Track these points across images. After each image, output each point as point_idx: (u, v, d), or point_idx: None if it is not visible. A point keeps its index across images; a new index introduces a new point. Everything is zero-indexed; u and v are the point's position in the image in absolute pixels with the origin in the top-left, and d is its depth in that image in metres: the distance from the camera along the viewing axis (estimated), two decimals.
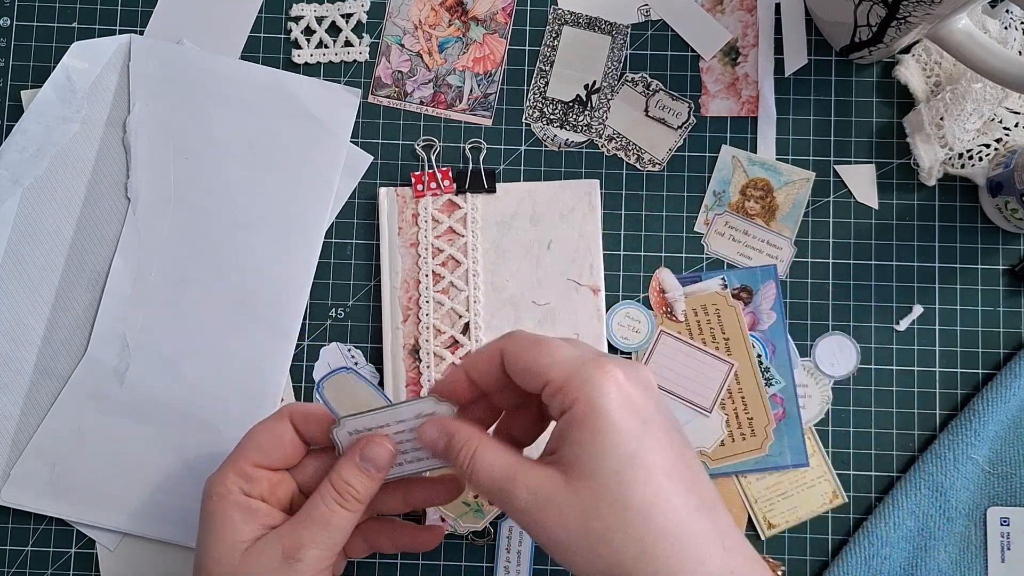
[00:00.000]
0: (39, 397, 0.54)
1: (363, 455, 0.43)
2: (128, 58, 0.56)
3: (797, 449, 0.54)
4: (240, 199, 0.55)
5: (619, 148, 0.56)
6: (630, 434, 0.38)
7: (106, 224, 0.55)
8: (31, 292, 0.55)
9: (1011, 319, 0.55)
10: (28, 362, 0.54)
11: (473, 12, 0.57)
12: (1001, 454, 0.53)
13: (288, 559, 0.42)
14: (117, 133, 0.56)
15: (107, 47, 0.56)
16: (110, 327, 0.54)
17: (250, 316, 0.54)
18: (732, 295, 0.55)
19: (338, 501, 0.43)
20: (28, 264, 0.55)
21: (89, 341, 0.54)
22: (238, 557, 0.42)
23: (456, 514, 0.52)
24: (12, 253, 0.55)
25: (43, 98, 0.55)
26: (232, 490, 0.44)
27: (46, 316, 0.55)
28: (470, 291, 0.54)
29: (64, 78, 0.56)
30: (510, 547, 0.54)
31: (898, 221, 0.56)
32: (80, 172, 0.55)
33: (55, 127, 0.55)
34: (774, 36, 0.57)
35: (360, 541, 0.48)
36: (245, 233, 0.55)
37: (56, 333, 0.54)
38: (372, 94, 0.57)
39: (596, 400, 0.38)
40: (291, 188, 0.55)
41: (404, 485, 0.47)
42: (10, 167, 0.55)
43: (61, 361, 0.54)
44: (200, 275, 0.55)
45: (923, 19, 0.48)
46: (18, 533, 0.54)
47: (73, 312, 0.55)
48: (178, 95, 0.56)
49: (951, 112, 0.53)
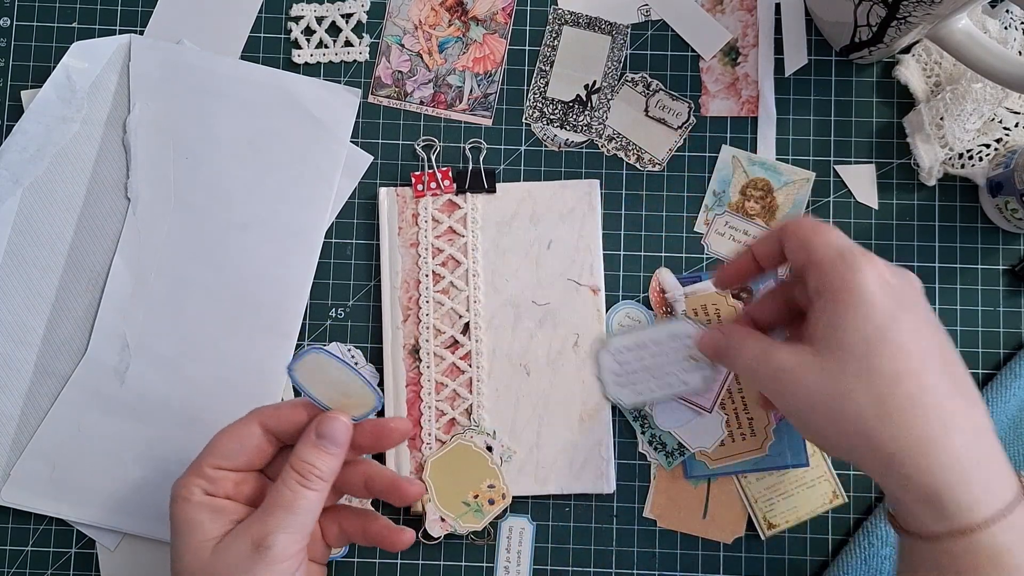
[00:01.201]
0: (39, 397, 0.54)
1: (319, 432, 0.44)
2: (128, 58, 0.56)
3: (797, 449, 0.54)
4: (240, 199, 0.55)
5: (619, 148, 0.56)
6: (884, 312, 0.39)
7: (106, 224, 0.55)
8: (31, 292, 0.55)
9: (1011, 319, 0.55)
10: (28, 362, 0.54)
11: (473, 12, 0.57)
12: None
13: (257, 548, 0.42)
14: (117, 133, 0.56)
15: (107, 47, 0.56)
16: (110, 327, 0.54)
17: (250, 316, 0.54)
18: (732, 295, 0.55)
19: (300, 482, 0.43)
20: (28, 264, 0.55)
21: (89, 341, 0.54)
22: (207, 555, 0.43)
23: (456, 514, 0.52)
24: (12, 253, 0.55)
25: (43, 98, 0.55)
26: (194, 492, 0.44)
27: (46, 316, 0.55)
28: (470, 291, 0.54)
29: (64, 78, 0.56)
30: (510, 547, 0.53)
31: (898, 221, 0.56)
32: (80, 172, 0.55)
33: (55, 127, 0.55)
34: (774, 36, 0.57)
35: (336, 529, 0.48)
36: (245, 233, 0.55)
37: (56, 333, 0.54)
38: (372, 94, 0.57)
39: (854, 280, 0.40)
40: (291, 188, 0.55)
41: (365, 469, 0.47)
42: (10, 167, 0.55)
43: (61, 361, 0.54)
44: (200, 275, 0.55)
45: (923, 19, 0.48)
46: (18, 533, 0.54)
47: (73, 312, 0.55)
48: (178, 95, 0.56)
49: (951, 112, 0.53)
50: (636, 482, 0.54)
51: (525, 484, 0.53)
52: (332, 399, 0.45)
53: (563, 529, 0.54)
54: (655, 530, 0.54)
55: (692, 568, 0.53)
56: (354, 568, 0.54)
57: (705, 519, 0.54)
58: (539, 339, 0.54)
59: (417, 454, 0.53)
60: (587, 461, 0.53)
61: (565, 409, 0.54)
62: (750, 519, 0.54)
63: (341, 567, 0.53)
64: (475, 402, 0.53)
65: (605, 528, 0.54)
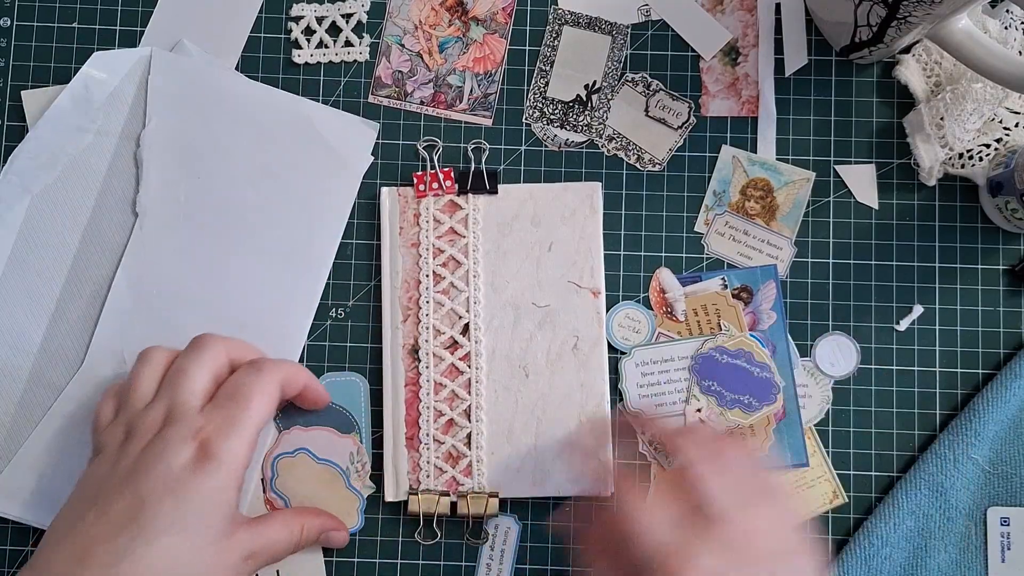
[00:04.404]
0: (31, 406, 0.53)
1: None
2: (148, 71, 0.56)
3: (797, 449, 0.54)
4: (249, 224, 0.55)
5: (619, 148, 0.56)
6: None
7: (112, 237, 0.55)
8: (32, 300, 0.54)
9: (1011, 319, 0.55)
10: (23, 369, 0.54)
11: (473, 12, 0.57)
12: (1001, 454, 0.53)
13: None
14: (130, 147, 0.55)
15: (128, 58, 0.56)
16: (108, 341, 0.54)
17: (251, 341, 0.53)
18: (732, 295, 0.55)
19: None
20: (31, 272, 0.54)
21: (86, 354, 0.54)
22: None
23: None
24: (16, 260, 0.54)
25: (59, 106, 0.55)
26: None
27: (45, 325, 0.54)
28: (470, 292, 0.54)
29: (82, 87, 0.55)
30: (494, 545, 0.54)
31: (898, 221, 0.56)
32: (90, 183, 0.55)
33: (69, 136, 0.55)
34: (774, 36, 0.57)
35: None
36: (251, 258, 0.55)
37: (54, 343, 0.54)
38: (372, 94, 0.57)
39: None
40: (302, 217, 0.55)
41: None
42: (21, 173, 0.55)
43: (57, 371, 0.54)
44: (203, 296, 0.54)
45: (923, 19, 0.48)
46: (18, 533, 0.54)
47: (72, 323, 0.54)
48: (195, 112, 0.55)
49: (951, 112, 0.53)
50: (636, 482, 0.54)
51: (522, 486, 0.53)
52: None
53: (563, 529, 0.54)
54: None
55: None
56: (354, 568, 0.54)
57: None
58: (539, 341, 0.54)
59: (415, 454, 0.53)
60: (585, 464, 0.53)
61: (564, 411, 0.54)
62: None
63: (341, 567, 0.54)
64: (474, 403, 0.54)
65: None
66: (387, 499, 0.53)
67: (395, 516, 0.54)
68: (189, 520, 0.44)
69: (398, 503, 0.54)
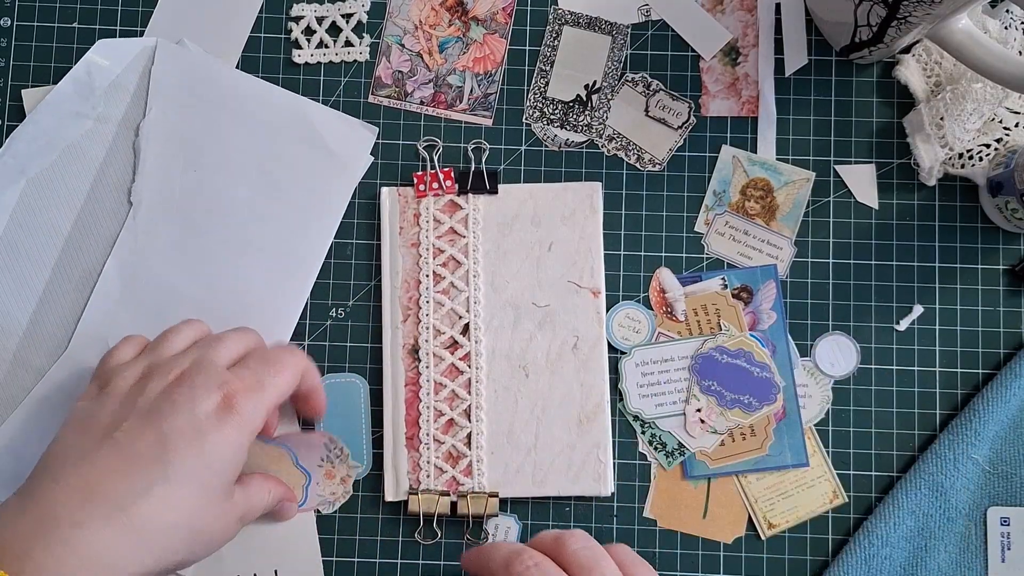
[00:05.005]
0: (12, 388, 0.53)
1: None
2: (151, 61, 0.56)
3: (797, 449, 0.54)
4: (242, 220, 0.55)
5: (619, 148, 0.56)
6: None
7: (104, 225, 0.55)
8: (20, 283, 0.54)
9: (1011, 319, 0.55)
10: (7, 351, 0.54)
11: (473, 12, 0.57)
12: (1001, 454, 0.53)
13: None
14: (129, 135, 0.55)
15: (132, 47, 0.56)
16: (94, 328, 0.54)
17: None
18: (732, 295, 0.55)
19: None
20: (21, 254, 0.54)
21: (71, 339, 0.54)
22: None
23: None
24: (6, 242, 0.54)
25: (60, 91, 0.55)
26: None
27: (32, 308, 0.54)
28: (470, 292, 0.54)
29: (84, 73, 0.55)
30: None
31: (898, 221, 0.56)
32: (86, 170, 0.55)
33: (68, 121, 0.55)
34: (774, 36, 0.57)
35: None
36: (242, 254, 0.55)
37: (39, 327, 0.54)
38: (372, 94, 0.57)
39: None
40: (296, 216, 0.55)
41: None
42: (17, 156, 0.55)
43: (40, 355, 0.54)
44: (191, 290, 0.54)
45: (923, 19, 0.48)
46: None
47: (59, 308, 0.54)
48: (196, 106, 0.55)
49: (951, 112, 0.53)
50: (636, 482, 0.54)
51: (522, 486, 0.53)
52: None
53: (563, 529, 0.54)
54: (655, 530, 0.54)
55: (692, 568, 0.54)
56: (354, 568, 0.54)
57: (705, 519, 0.54)
58: (539, 341, 0.54)
59: (415, 454, 0.53)
60: (585, 464, 0.53)
61: (563, 411, 0.54)
62: (750, 519, 0.54)
63: (341, 567, 0.54)
64: (474, 403, 0.54)
65: (605, 528, 0.54)
66: (387, 499, 0.53)
67: (395, 516, 0.54)
68: (205, 473, 0.43)
69: (398, 503, 0.54)
